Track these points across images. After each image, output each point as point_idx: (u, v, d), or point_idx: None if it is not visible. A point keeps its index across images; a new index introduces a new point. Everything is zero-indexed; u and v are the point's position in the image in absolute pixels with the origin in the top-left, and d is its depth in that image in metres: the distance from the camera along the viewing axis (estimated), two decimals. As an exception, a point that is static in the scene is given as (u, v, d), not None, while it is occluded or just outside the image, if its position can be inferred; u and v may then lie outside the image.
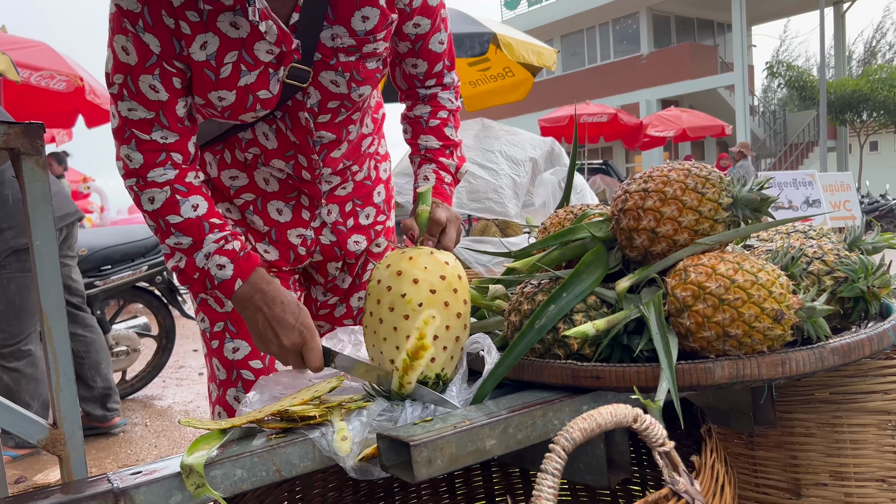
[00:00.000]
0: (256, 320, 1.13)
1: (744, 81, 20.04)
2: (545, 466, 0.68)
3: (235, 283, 1.14)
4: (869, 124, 19.89)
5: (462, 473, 1.36)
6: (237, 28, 1.11)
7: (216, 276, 1.14)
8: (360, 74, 1.21)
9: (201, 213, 1.15)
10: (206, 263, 1.14)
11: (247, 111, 1.18)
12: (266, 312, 1.12)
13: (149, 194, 1.14)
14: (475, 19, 5.20)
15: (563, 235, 1.07)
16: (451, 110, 1.39)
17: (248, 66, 1.14)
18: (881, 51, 23.00)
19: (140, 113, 1.12)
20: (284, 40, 1.13)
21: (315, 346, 1.10)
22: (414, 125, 1.38)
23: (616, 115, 13.01)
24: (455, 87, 1.41)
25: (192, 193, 1.15)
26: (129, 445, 3.39)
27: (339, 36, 1.17)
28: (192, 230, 1.14)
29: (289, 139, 1.27)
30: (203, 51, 1.11)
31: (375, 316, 1.02)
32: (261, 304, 1.13)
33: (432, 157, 1.35)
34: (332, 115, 1.26)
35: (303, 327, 1.11)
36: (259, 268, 1.16)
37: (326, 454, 0.89)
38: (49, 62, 5.34)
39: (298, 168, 1.31)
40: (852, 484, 1.10)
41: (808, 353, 0.88)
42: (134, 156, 1.14)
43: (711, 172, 0.98)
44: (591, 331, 0.91)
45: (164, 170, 1.14)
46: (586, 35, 24.67)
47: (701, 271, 0.90)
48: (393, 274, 1.00)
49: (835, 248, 1.08)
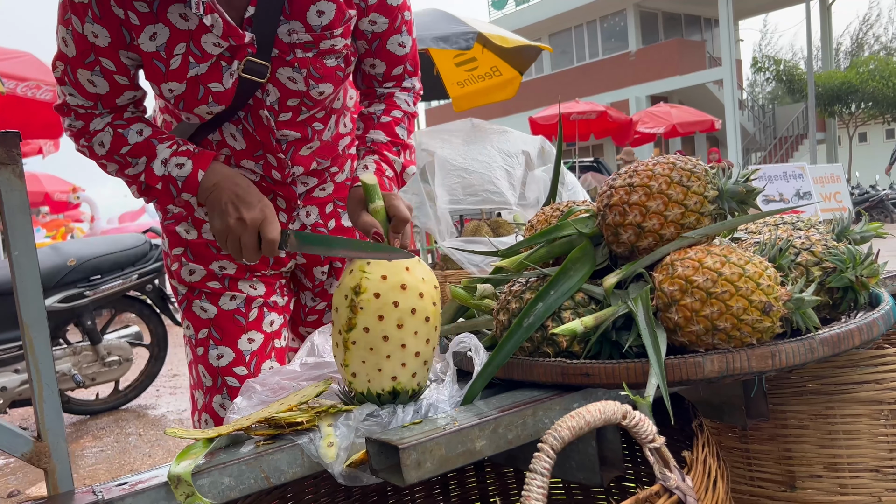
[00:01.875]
0: (220, 199, 1.14)
1: (732, 76, 20.10)
2: (534, 466, 0.68)
3: (198, 174, 1.16)
4: (857, 116, 19.99)
5: (456, 475, 1.35)
6: (186, 20, 1.12)
7: (178, 177, 1.17)
8: (317, 71, 1.20)
9: (147, 135, 1.20)
10: (165, 170, 1.17)
11: (199, 103, 1.18)
12: (229, 191, 1.14)
13: (97, 140, 1.20)
14: (460, 19, 5.19)
15: (549, 233, 1.06)
16: (406, 112, 1.35)
17: (197, 58, 1.14)
18: (868, 43, 23.12)
19: (78, 100, 1.19)
20: (231, 34, 1.13)
21: (273, 221, 1.12)
22: (366, 121, 1.34)
23: (606, 113, 13.01)
24: (415, 92, 1.38)
25: (132, 122, 1.21)
26: (122, 456, 3.36)
27: (296, 31, 1.16)
28: (144, 150, 1.19)
29: (255, 139, 1.26)
30: (153, 42, 1.13)
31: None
32: (224, 185, 1.15)
33: (376, 150, 1.29)
34: (293, 112, 1.25)
35: (265, 206, 1.14)
36: (217, 159, 1.20)
37: (315, 460, 0.88)
38: (34, 72, 5.30)
39: (269, 168, 1.30)
40: (846, 475, 1.10)
41: (797, 345, 0.88)
42: (74, 123, 1.21)
43: (696, 166, 0.98)
44: (580, 328, 0.90)
45: (102, 118, 1.21)
46: (574, 33, 24.71)
47: (688, 265, 0.89)
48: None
49: (823, 239, 1.08)
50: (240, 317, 1.35)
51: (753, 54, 22.51)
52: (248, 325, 1.35)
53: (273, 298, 1.40)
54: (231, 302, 1.36)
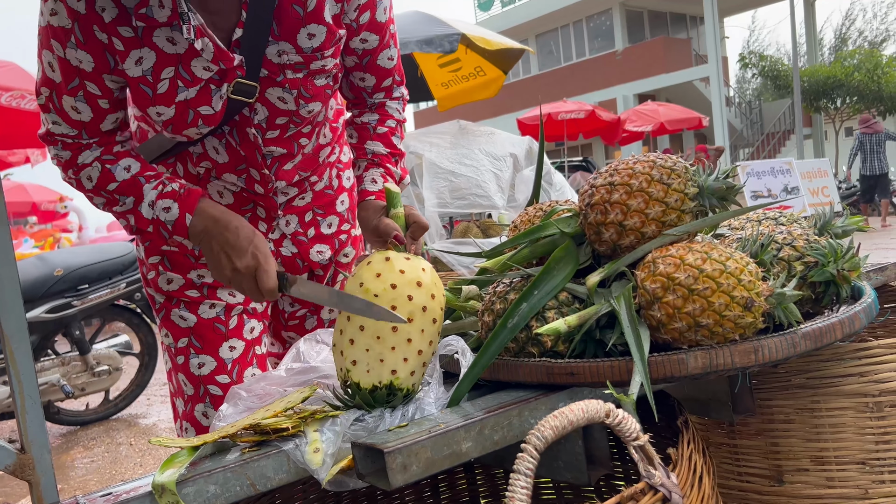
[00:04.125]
0: (211, 248, 1.13)
1: (718, 73, 20.21)
2: (517, 466, 0.68)
3: (185, 218, 1.15)
4: (843, 110, 20.12)
5: (445, 477, 1.35)
6: (174, 44, 1.10)
7: (166, 220, 1.16)
8: (308, 91, 1.19)
9: (135, 172, 1.18)
10: (153, 213, 1.16)
11: (188, 126, 1.17)
12: (219, 238, 1.12)
13: (85, 174, 1.18)
14: (443, 21, 5.20)
15: (532, 233, 1.06)
16: (399, 121, 1.38)
17: (186, 82, 1.13)
18: (851, 37, 23.26)
19: (63, 128, 1.16)
20: (222, 58, 1.11)
21: (269, 269, 1.09)
22: (361, 131, 1.36)
23: (594, 112, 13.06)
24: (403, 100, 1.40)
25: (120, 158, 1.19)
26: (113, 465, 3.34)
27: (286, 52, 1.15)
28: (131, 188, 1.17)
29: (239, 153, 1.25)
30: (139, 66, 1.11)
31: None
32: (214, 231, 1.13)
33: (379, 163, 1.32)
34: (280, 130, 1.24)
35: (256, 250, 1.11)
36: (204, 198, 1.17)
37: (301, 466, 0.88)
38: (19, 82, 5.26)
39: (251, 181, 1.29)
40: (833, 468, 1.10)
41: (780, 340, 0.88)
42: (61, 153, 1.19)
43: (676, 163, 0.98)
44: (563, 327, 0.90)
45: (91, 151, 1.18)
46: (561, 33, 24.78)
47: (669, 262, 0.90)
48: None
49: (804, 234, 1.08)
50: (220, 325, 1.35)
51: (741, 51, 22.60)
52: (228, 333, 1.35)
53: (252, 305, 1.40)
54: (210, 310, 1.35)
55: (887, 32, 22.51)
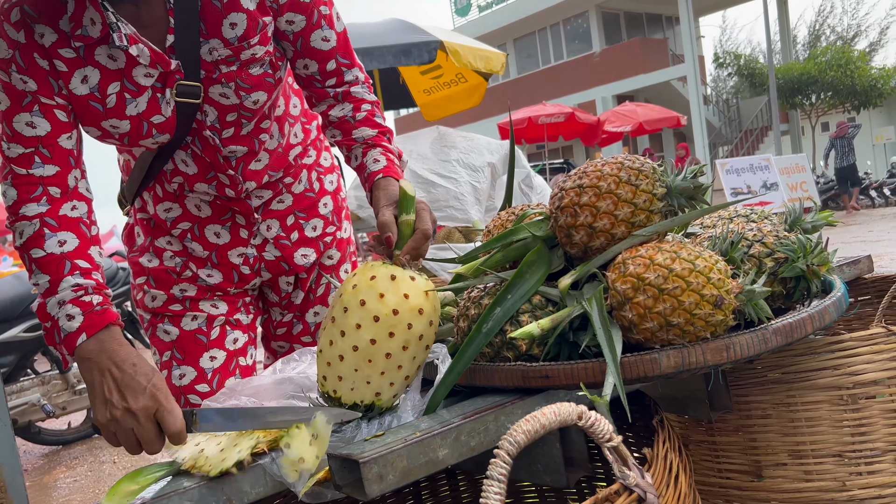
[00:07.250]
0: (100, 382, 0.98)
1: (695, 72, 20.39)
2: (490, 472, 0.67)
3: (79, 337, 1.01)
4: (818, 106, 20.37)
5: (428, 484, 1.34)
6: (115, 60, 1.13)
7: (62, 328, 1.02)
8: (245, 82, 1.20)
9: (67, 251, 1.06)
10: (57, 312, 1.02)
11: (144, 137, 1.19)
12: (114, 373, 0.98)
13: (19, 228, 1.08)
14: (421, 28, 5.20)
15: (504, 237, 1.06)
16: (373, 101, 1.32)
17: (132, 92, 1.15)
18: (824, 34, 23.56)
19: (18, 150, 1.10)
20: (159, 60, 1.14)
21: (173, 409, 0.95)
22: (341, 125, 1.30)
23: (573, 114, 13.13)
24: (366, 82, 1.34)
25: (62, 229, 1.08)
26: (97, 485, 3.30)
27: (216, 49, 1.17)
28: (52, 267, 1.05)
29: (204, 160, 1.27)
30: (85, 84, 1.13)
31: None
32: (108, 364, 0.99)
33: (374, 143, 1.27)
34: (234, 127, 1.25)
35: (156, 389, 0.97)
36: (114, 327, 1.04)
37: (278, 479, 0.87)
38: None
39: (221, 187, 1.30)
40: (810, 461, 1.11)
41: (751, 336, 0.89)
42: (9, 192, 1.10)
43: (644, 164, 0.99)
44: (536, 330, 0.90)
45: (38, 205, 1.08)
46: (538, 37, 24.91)
47: (639, 263, 0.90)
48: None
49: (774, 230, 1.09)
50: (201, 336, 1.35)
51: (715, 50, 22.81)
52: (209, 344, 1.35)
53: (237, 317, 1.40)
54: (192, 322, 1.36)
55: (858, 28, 22.82)
